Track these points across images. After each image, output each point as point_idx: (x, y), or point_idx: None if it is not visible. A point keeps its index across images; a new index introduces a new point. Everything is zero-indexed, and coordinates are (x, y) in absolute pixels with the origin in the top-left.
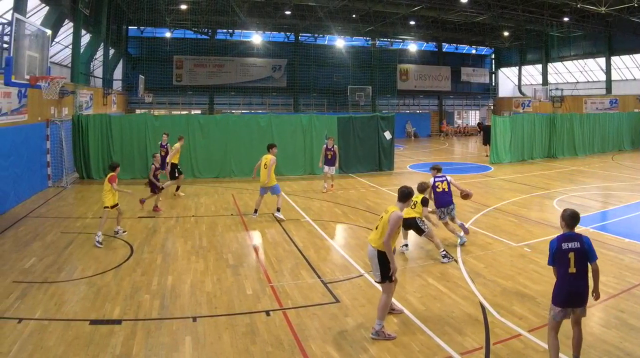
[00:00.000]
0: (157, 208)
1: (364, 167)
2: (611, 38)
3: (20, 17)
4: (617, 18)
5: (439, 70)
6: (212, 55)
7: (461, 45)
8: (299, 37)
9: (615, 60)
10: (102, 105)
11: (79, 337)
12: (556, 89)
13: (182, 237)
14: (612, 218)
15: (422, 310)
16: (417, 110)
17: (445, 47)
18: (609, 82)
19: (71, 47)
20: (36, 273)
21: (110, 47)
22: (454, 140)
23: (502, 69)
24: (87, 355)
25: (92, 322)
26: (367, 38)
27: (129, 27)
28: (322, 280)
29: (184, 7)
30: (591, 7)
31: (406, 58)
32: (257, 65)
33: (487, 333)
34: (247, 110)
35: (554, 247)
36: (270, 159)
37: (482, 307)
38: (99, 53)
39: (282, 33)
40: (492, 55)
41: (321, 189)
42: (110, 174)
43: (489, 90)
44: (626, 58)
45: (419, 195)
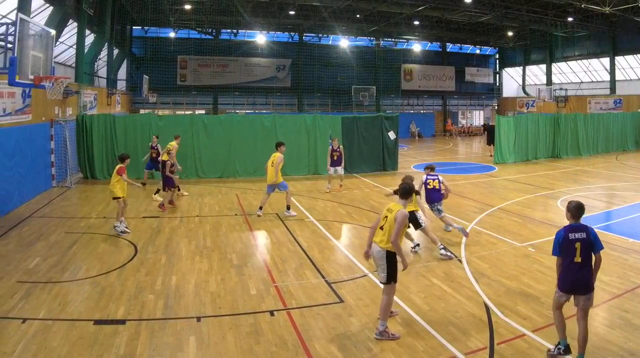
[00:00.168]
0: (163, 206)
1: (368, 167)
2: (615, 38)
3: (24, 17)
4: (621, 18)
5: (443, 70)
6: (216, 55)
7: (465, 45)
8: (303, 37)
9: (619, 60)
10: (106, 105)
11: (83, 337)
12: (560, 89)
13: (186, 237)
14: (616, 218)
15: (426, 310)
16: (421, 110)
17: (449, 47)
18: (613, 82)
19: (75, 47)
20: (40, 273)
21: (114, 47)
22: (457, 140)
23: (506, 69)
24: (91, 355)
25: (96, 322)
26: (371, 38)
27: (133, 27)
28: (326, 280)
29: (188, 7)
30: (595, 7)
31: (410, 58)
32: (261, 65)
33: (491, 333)
34: (251, 110)
35: (561, 236)
36: (277, 157)
37: (486, 307)
38: (103, 53)
39: (286, 33)
40: (496, 55)
41: (324, 189)
42: (119, 166)
43: (493, 90)
44: (630, 58)
45: None
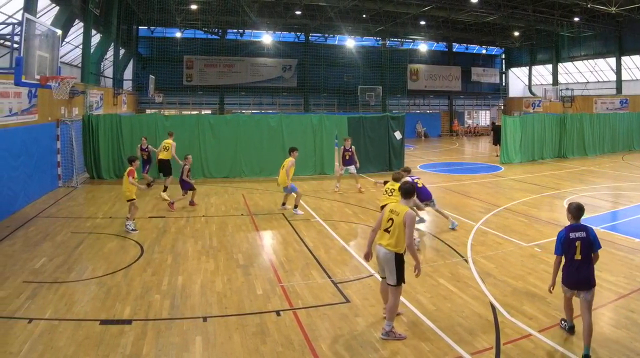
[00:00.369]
0: (172, 205)
1: (375, 167)
2: (621, 38)
3: (30, 17)
4: (627, 18)
5: (449, 70)
6: (222, 55)
7: (471, 45)
8: (309, 37)
9: (625, 60)
10: (113, 105)
11: (89, 337)
12: (566, 89)
13: (193, 237)
14: (622, 218)
15: (433, 310)
16: (428, 110)
17: (455, 47)
18: (619, 82)
19: (81, 47)
20: (46, 273)
21: (120, 47)
22: (464, 140)
23: (512, 69)
24: (97, 355)
25: (103, 322)
26: (378, 38)
27: (139, 27)
28: (332, 280)
29: (194, 7)
30: (601, 7)
31: (416, 58)
32: (267, 65)
33: (497, 333)
34: (257, 110)
35: (562, 236)
36: (288, 162)
37: (493, 307)
38: (109, 53)
39: (292, 33)
40: (503, 55)
41: (332, 189)
42: (129, 168)
43: (499, 90)
44: (636, 58)
45: (395, 183)
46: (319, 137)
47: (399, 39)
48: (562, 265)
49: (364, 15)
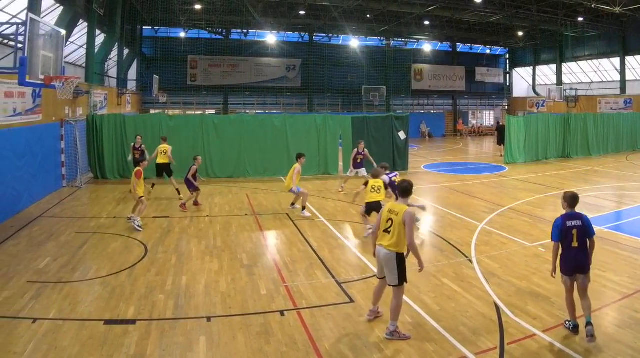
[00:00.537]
0: (184, 206)
1: None
2: (626, 38)
3: (34, 17)
4: (631, 18)
5: (453, 70)
6: (226, 55)
7: (475, 45)
8: (314, 37)
9: (629, 60)
10: (117, 105)
11: (93, 337)
12: (570, 89)
13: (197, 237)
14: (626, 218)
15: (437, 310)
16: (432, 110)
17: (459, 47)
18: (623, 82)
19: (85, 47)
20: (50, 273)
21: (124, 47)
22: (468, 140)
23: (516, 69)
24: (101, 355)
25: (107, 322)
26: (382, 38)
27: (144, 27)
28: (336, 280)
29: (198, 7)
30: (606, 7)
31: (420, 58)
32: (271, 65)
33: (501, 333)
34: (261, 110)
35: (559, 223)
36: (294, 168)
37: (497, 307)
38: (114, 53)
39: (296, 33)
40: (507, 55)
41: (337, 189)
42: (136, 169)
43: (504, 90)
44: None
45: (378, 180)
46: (323, 137)
47: (403, 39)
48: (560, 253)
49: (368, 15)
